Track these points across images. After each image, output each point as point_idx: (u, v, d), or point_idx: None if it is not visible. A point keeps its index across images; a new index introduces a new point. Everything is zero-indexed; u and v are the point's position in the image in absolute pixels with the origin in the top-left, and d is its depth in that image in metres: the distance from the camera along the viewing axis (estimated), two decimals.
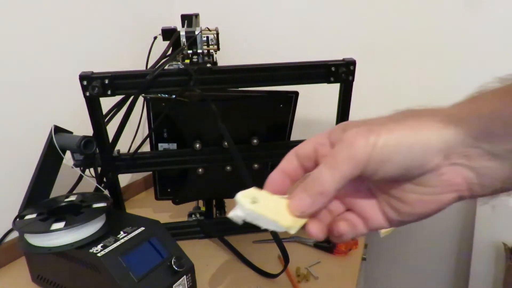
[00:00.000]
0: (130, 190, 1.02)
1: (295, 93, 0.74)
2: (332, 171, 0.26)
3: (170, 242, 0.61)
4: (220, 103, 0.68)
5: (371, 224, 0.30)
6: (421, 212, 0.28)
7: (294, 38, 1.06)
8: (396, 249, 1.16)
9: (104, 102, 0.65)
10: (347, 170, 0.26)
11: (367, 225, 0.30)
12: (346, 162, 0.26)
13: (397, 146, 0.26)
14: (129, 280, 0.53)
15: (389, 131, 0.26)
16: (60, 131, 0.71)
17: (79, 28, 0.85)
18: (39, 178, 0.69)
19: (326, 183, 0.26)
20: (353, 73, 0.66)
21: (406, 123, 0.27)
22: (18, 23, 0.72)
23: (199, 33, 0.69)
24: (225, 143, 0.72)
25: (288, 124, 0.78)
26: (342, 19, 1.01)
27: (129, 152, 0.80)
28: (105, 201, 0.62)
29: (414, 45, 0.98)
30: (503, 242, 0.92)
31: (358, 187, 0.31)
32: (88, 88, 0.61)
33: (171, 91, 0.66)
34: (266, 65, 0.66)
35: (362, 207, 0.30)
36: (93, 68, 0.62)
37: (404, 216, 0.29)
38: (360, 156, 0.26)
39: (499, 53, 0.92)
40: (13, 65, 0.72)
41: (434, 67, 0.98)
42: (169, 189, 0.83)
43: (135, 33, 1.00)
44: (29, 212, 0.60)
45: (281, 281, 0.65)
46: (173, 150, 0.77)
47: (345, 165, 0.26)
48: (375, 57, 1.01)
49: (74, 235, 0.55)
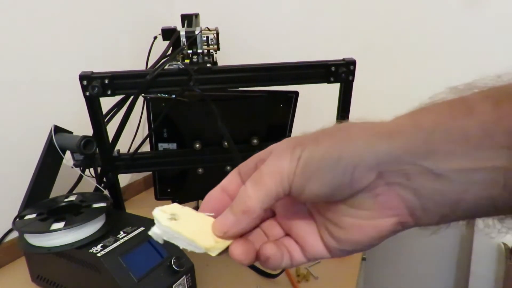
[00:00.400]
0: (130, 190, 1.02)
1: (295, 93, 0.74)
2: (256, 187, 0.24)
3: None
4: (220, 103, 0.68)
5: (309, 252, 0.27)
6: (359, 240, 0.25)
7: (294, 38, 1.06)
8: (396, 249, 1.16)
9: (104, 102, 0.65)
10: (272, 186, 0.24)
11: (305, 253, 0.27)
12: (270, 177, 0.24)
13: (322, 160, 0.23)
14: (129, 280, 0.53)
15: (317, 143, 0.23)
16: (60, 131, 0.70)
17: (79, 28, 0.85)
18: (39, 178, 0.69)
19: (250, 200, 0.24)
20: (353, 73, 0.66)
21: (337, 135, 0.24)
22: (18, 23, 0.72)
23: (199, 33, 0.69)
24: (225, 143, 0.72)
25: (288, 124, 0.78)
26: (342, 19, 1.01)
27: (129, 152, 0.80)
28: (105, 201, 0.62)
29: (414, 45, 0.98)
30: (503, 242, 0.92)
31: (298, 209, 0.28)
32: (88, 88, 0.61)
33: (171, 91, 0.66)
34: (266, 65, 0.66)
35: (300, 232, 0.27)
36: (93, 68, 0.62)
37: (342, 244, 0.25)
38: (284, 170, 0.23)
39: (499, 53, 0.92)
40: (13, 65, 0.72)
41: (434, 67, 0.98)
42: (169, 189, 0.83)
43: (135, 33, 1.00)
44: (29, 212, 0.60)
45: (281, 281, 0.65)
46: (173, 150, 0.77)
47: (269, 180, 0.24)
48: (375, 57, 1.00)
49: (74, 235, 0.55)
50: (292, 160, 0.23)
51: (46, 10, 0.77)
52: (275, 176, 0.24)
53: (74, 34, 0.84)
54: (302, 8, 1.04)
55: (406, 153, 0.22)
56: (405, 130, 0.22)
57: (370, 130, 0.23)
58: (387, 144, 0.22)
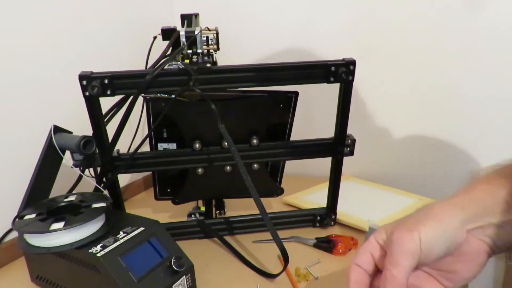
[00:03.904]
0: (130, 190, 1.02)
1: (295, 93, 0.74)
2: (398, 268, 0.34)
3: (169, 242, 0.61)
4: (220, 103, 0.68)
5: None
6: (468, 276, 0.37)
7: (294, 38, 1.06)
8: None
9: (103, 102, 0.65)
10: (407, 262, 0.34)
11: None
12: (404, 257, 0.34)
13: (435, 236, 0.35)
14: (129, 280, 0.53)
15: (424, 225, 0.35)
16: (60, 131, 0.70)
17: (78, 27, 0.85)
18: (38, 178, 0.68)
19: (396, 278, 0.34)
20: (353, 73, 0.66)
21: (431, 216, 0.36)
22: (18, 23, 0.72)
23: (198, 33, 0.69)
24: (225, 143, 0.72)
25: (288, 124, 0.78)
26: (342, 19, 1.01)
27: (128, 152, 0.80)
28: (105, 201, 0.62)
29: (414, 45, 0.98)
30: None
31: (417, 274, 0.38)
32: (88, 88, 0.61)
33: (170, 91, 0.66)
34: (266, 65, 0.66)
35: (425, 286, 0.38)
36: (93, 68, 0.62)
37: (457, 282, 0.38)
38: (412, 249, 0.34)
39: (499, 53, 0.92)
40: (13, 65, 0.72)
41: (434, 67, 0.98)
42: (168, 189, 0.83)
43: (134, 33, 1.00)
44: (29, 212, 0.60)
45: (281, 281, 0.65)
46: (173, 150, 0.77)
47: (405, 259, 0.34)
48: (375, 57, 1.00)
49: (74, 235, 0.55)
50: (414, 241, 0.34)
51: (46, 10, 0.77)
52: (407, 255, 0.34)
53: (73, 34, 0.84)
54: (302, 8, 1.04)
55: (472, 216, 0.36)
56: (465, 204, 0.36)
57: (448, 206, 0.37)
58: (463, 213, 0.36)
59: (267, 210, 0.66)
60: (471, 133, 1.00)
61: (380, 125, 1.06)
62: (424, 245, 0.34)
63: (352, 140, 0.74)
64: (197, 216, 0.82)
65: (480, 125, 0.98)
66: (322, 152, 0.75)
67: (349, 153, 0.75)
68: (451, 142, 1.02)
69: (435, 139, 1.04)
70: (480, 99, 0.96)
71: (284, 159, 0.82)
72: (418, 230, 0.34)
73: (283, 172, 0.85)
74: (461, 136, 1.01)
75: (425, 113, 1.02)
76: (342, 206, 0.81)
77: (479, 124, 0.98)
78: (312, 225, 0.82)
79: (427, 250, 0.34)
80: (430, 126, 1.03)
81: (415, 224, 0.35)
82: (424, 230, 0.34)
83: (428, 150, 1.05)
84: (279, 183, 0.86)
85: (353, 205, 0.86)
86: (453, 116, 1.00)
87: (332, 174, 0.77)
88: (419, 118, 1.03)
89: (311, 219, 0.81)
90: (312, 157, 0.76)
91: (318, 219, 0.81)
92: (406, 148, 1.07)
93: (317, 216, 0.81)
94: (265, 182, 0.82)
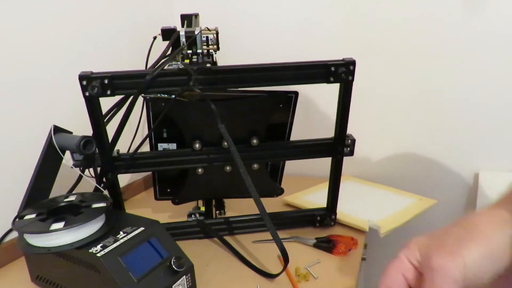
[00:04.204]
0: (130, 190, 1.02)
1: (295, 93, 0.74)
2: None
3: (169, 242, 0.61)
4: (220, 103, 0.68)
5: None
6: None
7: (294, 38, 1.06)
8: (396, 249, 1.16)
9: (103, 102, 0.65)
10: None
11: None
12: (449, 285, 0.31)
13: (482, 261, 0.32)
14: (129, 280, 0.53)
15: (469, 249, 0.32)
16: (60, 131, 0.70)
17: (78, 28, 0.85)
18: (38, 178, 0.68)
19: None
20: (353, 73, 0.66)
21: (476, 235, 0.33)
22: (18, 23, 0.72)
23: (198, 33, 0.69)
24: (225, 143, 0.72)
25: (288, 124, 0.78)
26: (341, 19, 1.01)
27: (128, 152, 0.80)
28: (105, 201, 0.62)
29: (414, 45, 0.98)
30: None
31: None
32: (88, 88, 0.61)
33: (170, 91, 0.66)
34: (266, 65, 0.66)
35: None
36: (93, 68, 0.62)
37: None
38: (456, 278, 0.31)
39: (499, 53, 0.92)
40: (13, 65, 0.72)
41: (434, 67, 0.98)
42: (168, 189, 0.83)
43: (134, 33, 1.00)
44: (29, 212, 0.60)
45: (281, 281, 0.65)
46: (172, 150, 0.77)
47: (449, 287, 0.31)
48: (375, 57, 1.01)
49: (74, 235, 0.55)
50: (459, 269, 0.31)
51: (46, 10, 0.77)
52: (452, 283, 0.31)
53: (73, 34, 0.84)
54: (302, 8, 1.04)
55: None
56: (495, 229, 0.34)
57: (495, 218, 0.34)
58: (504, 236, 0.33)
59: (267, 210, 0.66)
60: (471, 133, 1.00)
61: (380, 125, 1.06)
62: (469, 272, 0.31)
63: (352, 140, 0.74)
64: (197, 216, 0.82)
65: (480, 125, 0.99)
66: (322, 152, 0.75)
67: (349, 153, 0.75)
68: (451, 142, 1.02)
69: (435, 139, 1.04)
70: (480, 99, 0.96)
71: (284, 159, 0.82)
72: (462, 255, 0.31)
73: (283, 172, 0.86)
74: (461, 136, 1.01)
75: (425, 113, 1.02)
76: (342, 206, 0.81)
77: (479, 124, 0.99)
78: (312, 225, 0.82)
79: (472, 276, 0.31)
80: (430, 126, 1.03)
81: (458, 246, 0.32)
82: (469, 255, 0.31)
83: (428, 150, 1.05)
84: (279, 183, 0.86)
85: (353, 205, 0.86)
86: (453, 116, 1.00)
87: (332, 174, 0.77)
88: (419, 118, 1.03)
89: (311, 219, 0.81)
90: (312, 157, 0.76)
91: (318, 219, 0.81)
92: (406, 148, 1.07)
93: (317, 216, 0.81)
94: (265, 182, 0.82)
